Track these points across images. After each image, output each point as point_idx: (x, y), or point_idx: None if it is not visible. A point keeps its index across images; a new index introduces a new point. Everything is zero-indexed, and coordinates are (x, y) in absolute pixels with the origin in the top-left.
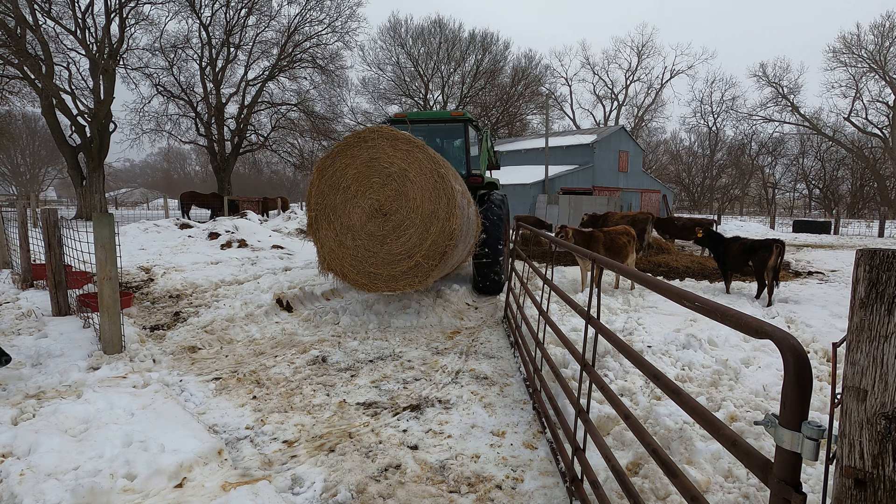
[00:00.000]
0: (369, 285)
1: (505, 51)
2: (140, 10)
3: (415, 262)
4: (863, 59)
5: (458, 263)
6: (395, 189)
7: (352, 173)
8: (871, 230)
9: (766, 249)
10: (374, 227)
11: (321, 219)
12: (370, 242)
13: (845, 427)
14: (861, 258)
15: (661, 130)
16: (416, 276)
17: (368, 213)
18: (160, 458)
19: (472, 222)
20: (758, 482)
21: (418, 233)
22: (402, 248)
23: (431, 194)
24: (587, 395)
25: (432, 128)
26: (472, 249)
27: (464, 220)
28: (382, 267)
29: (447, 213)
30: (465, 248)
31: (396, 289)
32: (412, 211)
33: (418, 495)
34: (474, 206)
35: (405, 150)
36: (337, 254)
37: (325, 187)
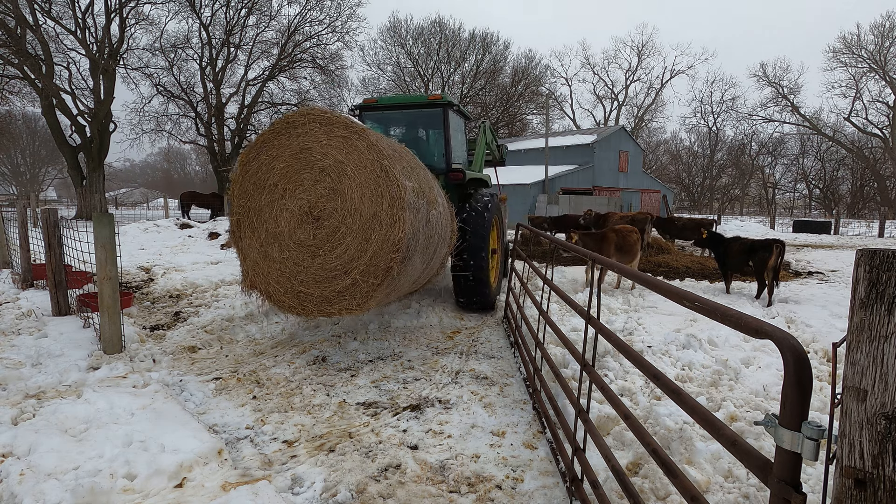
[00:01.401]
0: (298, 308)
1: (505, 51)
2: (140, 10)
3: (351, 281)
4: (863, 59)
5: (429, 277)
6: (330, 187)
7: (279, 168)
8: (871, 230)
9: (767, 249)
10: (304, 236)
11: (244, 224)
12: (300, 254)
13: (845, 427)
14: (861, 258)
15: (661, 130)
16: (354, 297)
17: (298, 217)
18: (160, 458)
19: (444, 227)
20: (758, 482)
21: (356, 242)
22: (336, 261)
23: (373, 193)
24: (587, 395)
25: (407, 115)
26: (446, 260)
27: (420, 224)
28: (314, 285)
29: (391, 216)
30: (432, 258)
31: (331, 313)
32: (349, 214)
33: (418, 495)
34: (448, 208)
35: (342, 137)
36: (262, 268)
37: (248, 185)
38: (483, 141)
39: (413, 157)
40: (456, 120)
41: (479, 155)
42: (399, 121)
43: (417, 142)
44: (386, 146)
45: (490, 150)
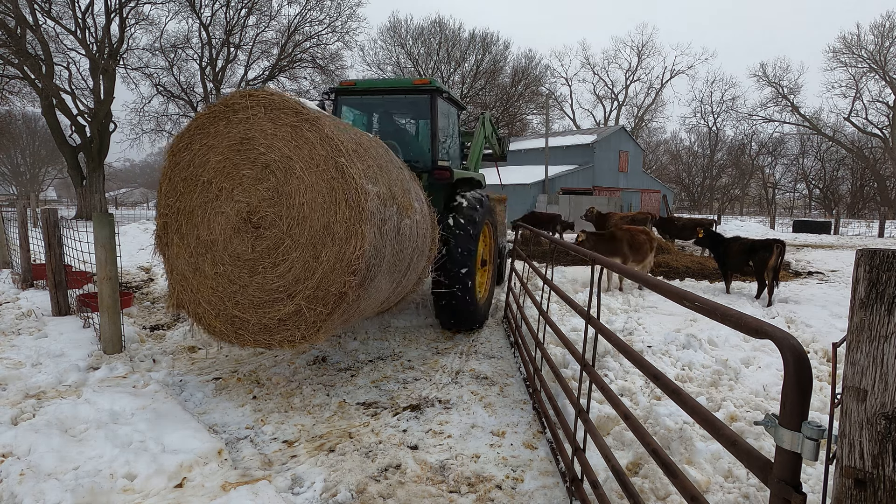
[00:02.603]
0: (232, 335)
1: (505, 51)
2: (140, 10)
3: (295, 308)
4: (863, 59)
5: (403, 295)
6: (274, 188)
7: (214, 161)
8: (871, 230)
9: (767, 249)
10: (241, 247)
11: (171, 229)
12: (236, 270)
13: (845, 427)
14: (861, 258)
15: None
16: (298, 328)
17: (235, 223)
18: (160, 458)
19: (422, 238)
20: (758, 482)
21: (303, 260)
22: (278, 281)
23: (325, 198)
24: (587, 395)
25: (389, 101)
26: (425, 274)
27: (387, 238)
28: (251, 310)
29: (348, 229)
30: (405, 276)
31: (270, 345)
32: (296, 224)
33: (418, 495)
34: (430, 214)
35: (290, 126)
36: (191, 283)
37: (178, 181)
38: (481, 134)
39: (387, 153)
40: (446, 109)
41: (476, 150)
42: (379, 108)
43: (400, 133)
44: (346, 139)
45: (490, 145)
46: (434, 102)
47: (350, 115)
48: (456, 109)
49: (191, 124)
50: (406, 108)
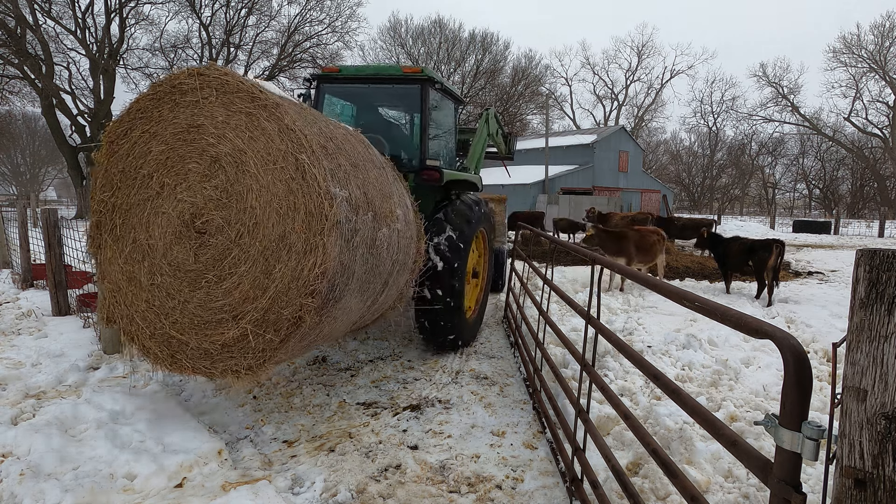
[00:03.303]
0: (168, 360)
1: (505, 51)
2: (140, 10)
3: (241, 332)
4: (863, 59)
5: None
6: (223, 187)
7: (157, 152)
8: (871, 230)
9: (766, 249)
10: (182, 256)
11: (105, 229)
12: (175, 283)
13: (845, 427)
14: (861, 258)
15: (661, 130)
16: (245, 356)
17: (177, 227)
18: (160, 458)
19: (405, 249)
20: (758, 482)
21: (253, 275)
22: (224, 299)
23: (282, 202)
24: (587, 395)
25: (376, 91)
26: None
27: (358, 252)
28: (190, 331)
29: (307, 240)
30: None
31: (212, 374)
32: (246, 231)
33: (418, 495)
34: (416, 221)
35: (245, 113)
36: (125, 295)
37: (115, 174)
38: (484, 131)
39: (367, 150)
40: (440, 102)
41: (478, 149)
42: (365, 98)
43: (387, 127)
44: (312, 132)
45: (495, 143)
46: (425, 94)
47: (333, 105)
48: (453, 103)
49: (131, 107)
50: (394, 99)
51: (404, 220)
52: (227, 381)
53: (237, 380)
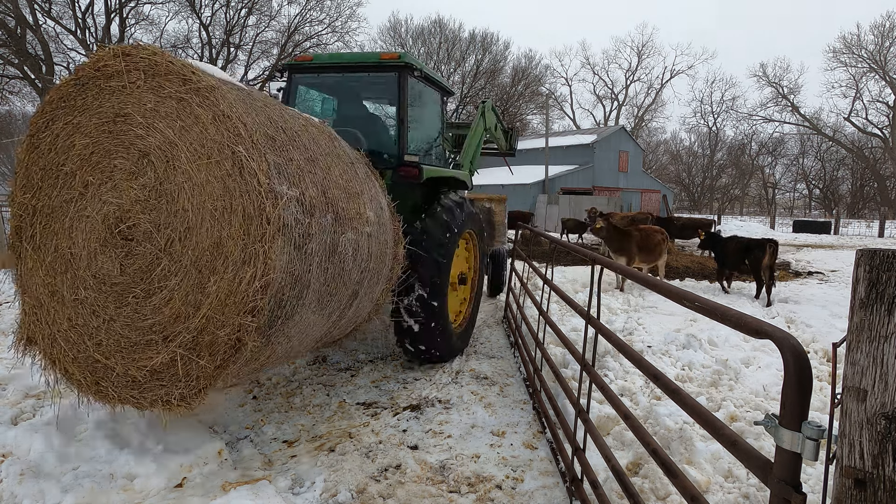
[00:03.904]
0: (93, 387)
1: (505, 51)
2: (140, 10)
3: (171, 357)
4: (863, 59)
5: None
6: (152, 186)
7: (80, 146)
8: (871, 230)
9: (761, 248)
10: (108, 266)
11: (25, 236)
12: (101, 297)
13: (845, 427)
14: (861, 258)
15: (661, 130)
16: (176, 384)
17: (102, 233)
18: (160, 458)
19: (379, 256)
20: (758, 482)
21: (185, 289)
22: (153, 317)
23: (218, 203)
24: (587, 395)
25: (350, 80)
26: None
27: (313, 261)
28: (116, 354)
29: (245, 248)
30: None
31: (140, 404)
32: (178, 238)
33: (418, 495)
34: (392, 223)
35: (177, 99)
36: (47, 312)
37: (35, 171)
38: (481, 126)
39: (331, 144)
40: (422, 91)
41: (473, 145)
42: (340, 88)
43: (365, 120)
44: (255, 120)
45: (494, 138)
46: (403, 82)
47: (307, 97)
48: (438, 93)
49: (51, 95)
50: (371, 88)
51: (377, 222)
52: (153, 410)
53: (168, 411)
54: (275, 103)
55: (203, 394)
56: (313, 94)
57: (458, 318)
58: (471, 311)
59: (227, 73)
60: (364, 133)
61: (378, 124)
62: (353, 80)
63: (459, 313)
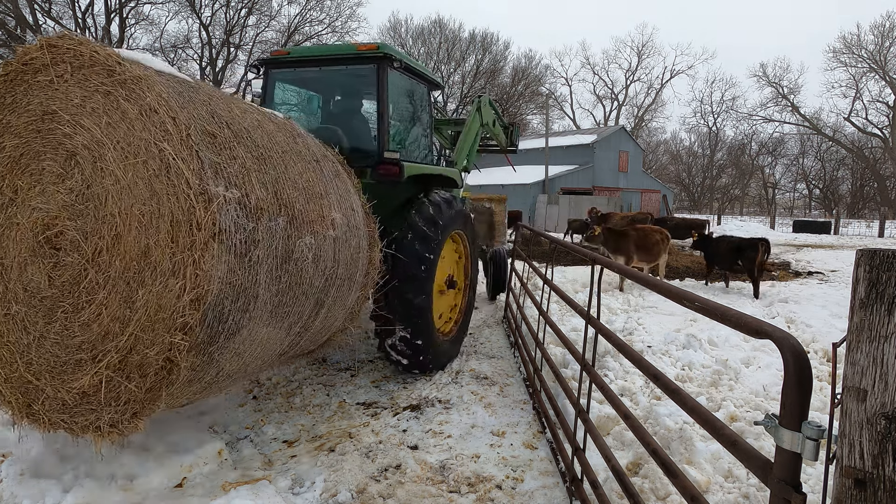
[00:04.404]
0: (24, 410)
1: (505, 51)
2: (140, 10)
3: (100, 378)
4: (863, 59)
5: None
6: (79, 189)
7: (10, 147)
8: (871, 230)
9: (753, 248)
10: (37, 278)
11: None
12: (31, 312)
13: (845, 427)
14: (861, 258)
15: (661, 130)
16: (108, 409)
17: (31, 242)
18: (160, 458)
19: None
20: (758, 482)
21: (113, 303)
22: (81, 334)
23: (145, 208)
24: (587, 395)
25: (328, 74)
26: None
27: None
28: (46, 375)
29: (174, 258)
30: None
31: (72, 430)
32: (105, 246)
33: (418, 495)
34: (367, 225)
35: (103, 93)
36: None
37: None
38: (477, 122)
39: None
40: (404, 84)
41: (467, 141)
42: (319, 84)
43: (345, 117)
44: (188, 115)
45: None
46: (382, 74)
47: (284, 94)
48: (424, 86)
49: None
50: (349, 82)
51: (346, 224)
52: (85, 436)
53: (100, 438)
54: (225, 97)
55: (138, 419)
56: (291, 90)
57: (447, 325)
58: (462, 318)
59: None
60: (343, 129)
61: (358, 120)
62: (330, 73)
63: (449, 320)
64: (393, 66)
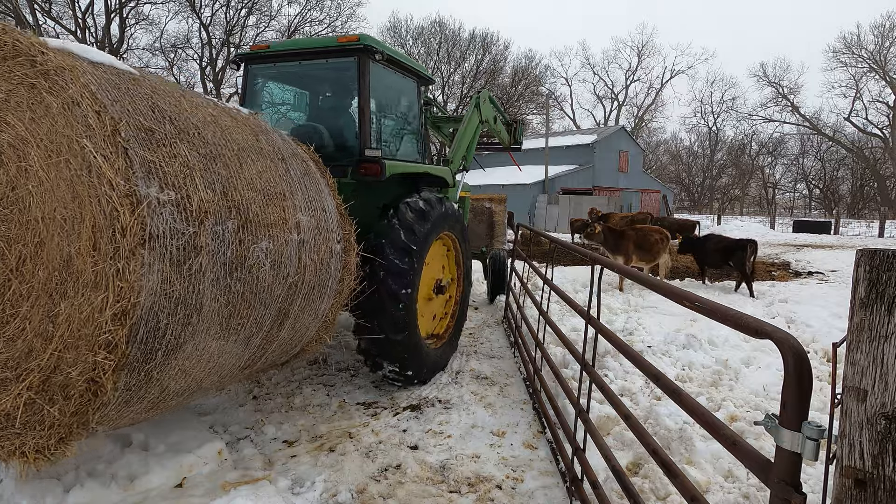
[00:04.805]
0: None
1: (505, 51)
2: (140, 10)
3: (25, 398)
4: (863, 59)
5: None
6: (2, 192)
7: None
8: (871, 230)
9: (742, 249)
10: None
11: None
12: None
13: (845, 427)
14: (861, 258)
15: (661, 130)
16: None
17: None
18: (160, 458)
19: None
20: (758, 482)
21: (37, 317)
22: (6, 351)
23: (65, 211)
24: (587, 395)
25: (308, 69)
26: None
27: (207, 278)
28: None
29: (97, 266)
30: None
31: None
32: (29, 254)
33: (418, 495)
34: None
35: (28, 86)
36: None
37: None
38: (475, 118)
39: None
40: (389, 77)
41: (464, 139)
42: (300, 79)
43: (328, 113)
44: (119, 108)
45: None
46: (363, 67)
47: (265, 91)
48: (412, 81)
49: None
50: (330, 76)
51: (314, 227)
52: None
53: (27, 465)
54: (175, 91)
55: (66, 444)
56: (272, 87)
57: (436, 333)
58: (454, 324)
59: None
60: (326, 126)
61: (339, 116)
62: (311, 68)
63: (438, 327)
64: (375, 59)
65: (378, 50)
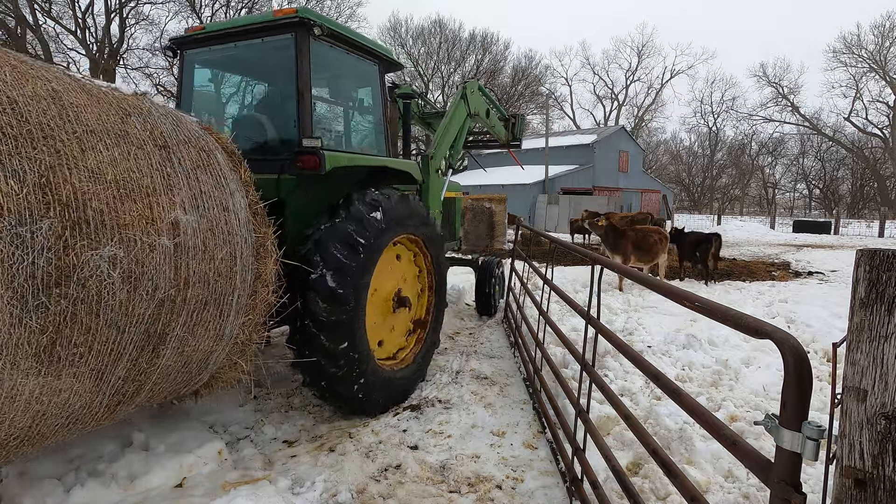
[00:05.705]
0: None
1: (505, 51)
2: (140, 10)
3: None
4: (863, 59)
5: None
6: None
7: None
8: (872, 230)
9: (708, 241)
10: None
11: None
12: None
13: (845, 427)
14: (861, 258)
15: (662, 130)
16: None
17: None
18: (160, 458)
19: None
20: (758, 482)
21: None
22: None
23: None
24: (587, 395)
25: (244, 51)
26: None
27: (4, 295)
28: None
29: None
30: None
31: None
32: None
33: (418, 495)
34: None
35: None
36: None
37: None
38: (462, 111)
39: (115, 117)
40: (335, 57)
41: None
42: (238, 63)
43: (270, 101)
44: None
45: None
46: (301, 44)
47: (203, 78)
48: (371, 62)
49: None
50: (266, 57)
51: (204, 230)
52: None
53: None
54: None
55: None
56: (210, 74)
57: (399, 354)
58: (424, 344)
59: None
60: (267, 116)
61: (279, 104)
62: (247, 49)
63: (402, 348)
64: (315, 35)
65: (317, 24)
